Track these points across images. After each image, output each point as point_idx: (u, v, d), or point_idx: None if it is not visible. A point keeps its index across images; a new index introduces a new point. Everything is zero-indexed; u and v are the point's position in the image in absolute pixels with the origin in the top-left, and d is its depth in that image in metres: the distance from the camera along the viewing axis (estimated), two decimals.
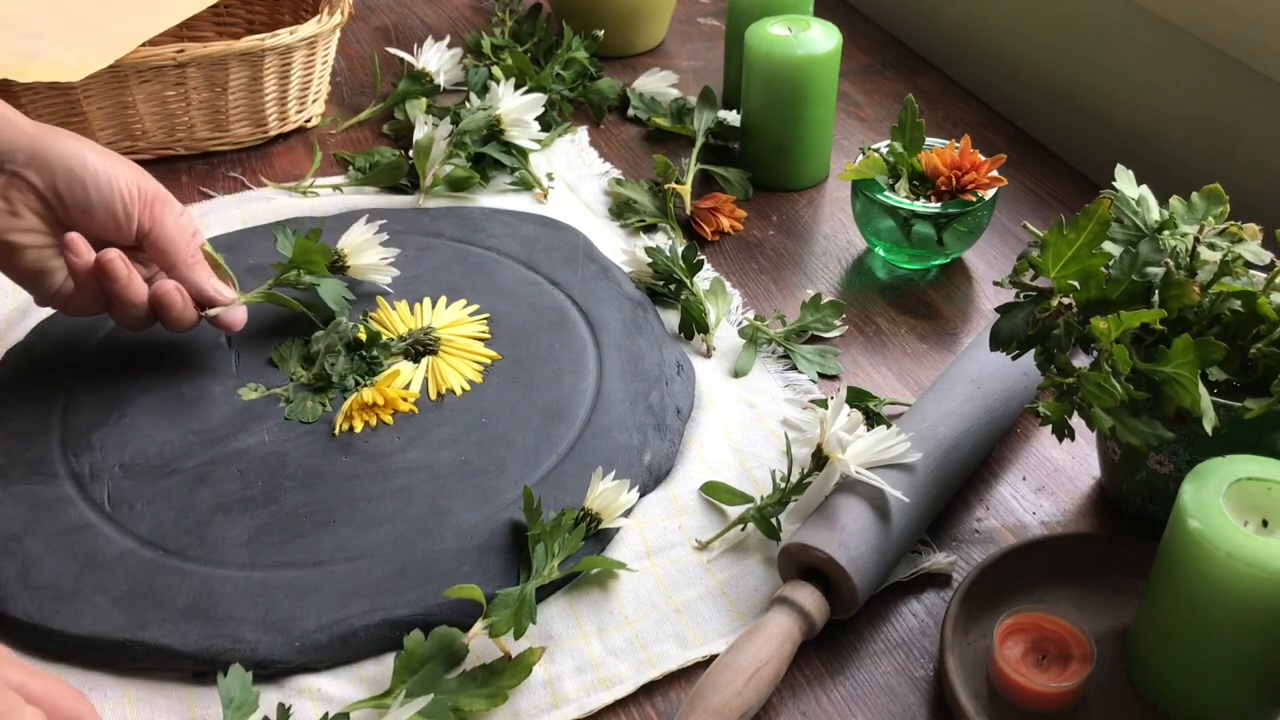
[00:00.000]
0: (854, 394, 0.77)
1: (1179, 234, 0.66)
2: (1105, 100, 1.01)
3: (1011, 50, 1.10)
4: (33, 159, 0.71)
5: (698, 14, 1.28)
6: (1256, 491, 0.56)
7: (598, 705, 0.61)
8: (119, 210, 0.72)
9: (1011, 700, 0.60)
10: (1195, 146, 0.94)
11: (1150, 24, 0.95)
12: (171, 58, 0.95)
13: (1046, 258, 0.63)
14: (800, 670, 0.63)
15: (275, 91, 1.01)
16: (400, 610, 0.63)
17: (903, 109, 0.88)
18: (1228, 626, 0.55)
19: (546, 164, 1.02)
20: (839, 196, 1.00)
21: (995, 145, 1.04)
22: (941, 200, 0.86)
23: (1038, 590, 0.66)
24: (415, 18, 1.26)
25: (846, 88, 1.13)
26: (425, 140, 0.96)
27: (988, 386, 0.72)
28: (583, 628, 0.65)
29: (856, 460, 0.65)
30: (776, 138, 0.97)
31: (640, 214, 0.95)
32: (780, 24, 0.95)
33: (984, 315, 0.87)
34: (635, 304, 0.84)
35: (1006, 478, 0.74)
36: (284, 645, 0.62)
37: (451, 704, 0.59)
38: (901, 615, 0.66)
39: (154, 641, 0.62)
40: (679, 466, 0.74)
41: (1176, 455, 0.65)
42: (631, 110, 1.09)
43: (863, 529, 0.63)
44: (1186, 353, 0.58)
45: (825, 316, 0.84)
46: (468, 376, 0.77)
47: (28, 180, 0.70)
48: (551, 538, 0.65)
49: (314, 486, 0.70)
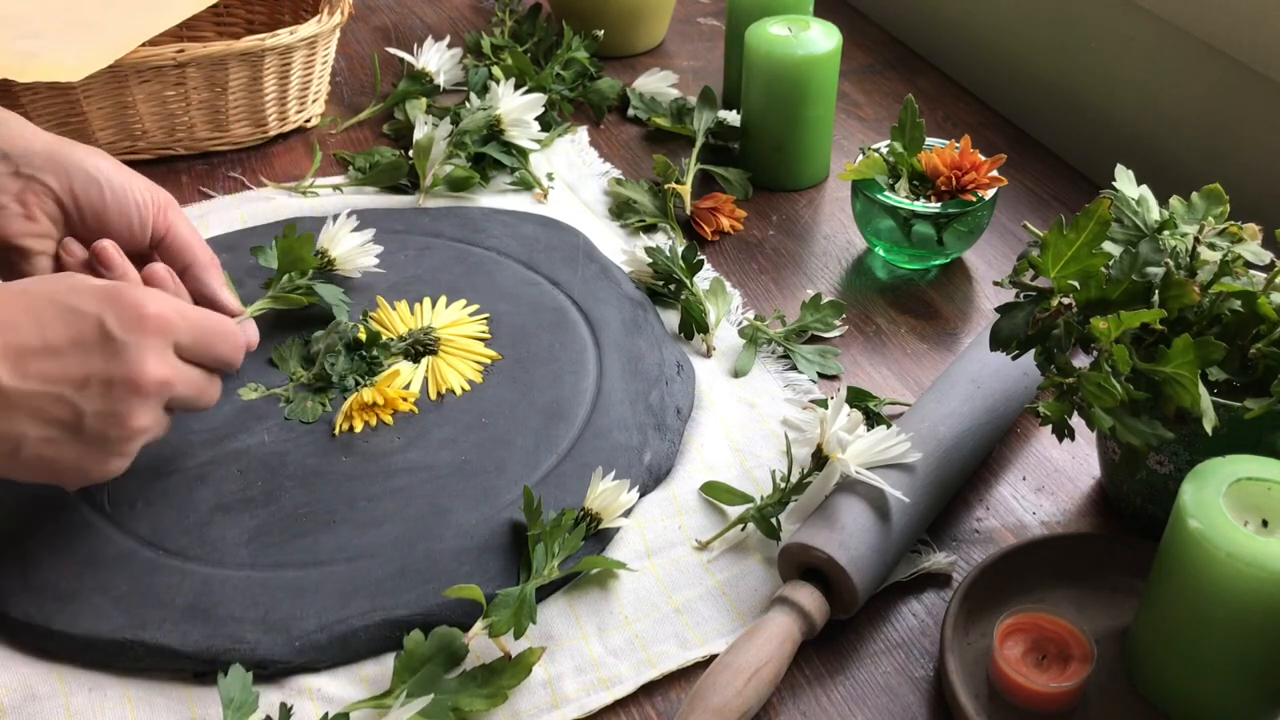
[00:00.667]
0: (854, 394, 0.77)
1: (1179, 234, 0.66)
2: (1105, 100, 1.01)
3: (1011, 50, 1.10)
4: (49, 163, 0.70)
5: (698, 14, 1.28)
6: (1256, 491, 0.56)
7: (598, 705, 0.61)
8: (134, 215, 0.72)
9: (1011, 700, 0.60)
10: (1195, 146, 0.94)
11: (1150, 24, 0.95)
12: (171, 58, 0.95)
13: (1046, 258, 0.63)
14: (800, 670, 0.63)
15: (275, 91, 1.01)
16: (400, 610, 0.63)
17: (903, 109, 0.88)
18: (1228, 626, 0.55)
19: (546, 164, 1.02)
20: (839, 196, 1.00)
21: (995, 145, 1.04)
22: (941, 200, 0.86)
23: (1038, 590, 0.66)
24: (415, 18, 1.26)
25: (846, 88, 1.13)
26: (425, 140, 0.96)
27: (988, 386, 0.72)
28: (583, 628, 0.65)
29: (856, 460, 0.65)
30: (776, 138, 0.97)
31: (640, 214, 0.95)
32: (780, 24, 0.95)
33: (984, 315, 0.87)
34: (635, 304, 0.84)
35: (1006, 478, 0.74)
36: (284, 645, 0.62)
37: (451, 704, 0.59)
38: (901, 615, 0.66)
39: (154, 641, 0.62)
40: (679, 466, 0.74)
41: (1176, 455, 0.65)
42: (631, 110, 1.09)
43: (863, 529, 0.63)
44: (1186, 353, 0.58)
45: (825, 316, 0.84)
46: (468, 376, 0.77)
47: (45, 184, 0.70)
48: (551, 538, 0.65)
49: (314, 486, 0.70)
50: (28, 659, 0.63)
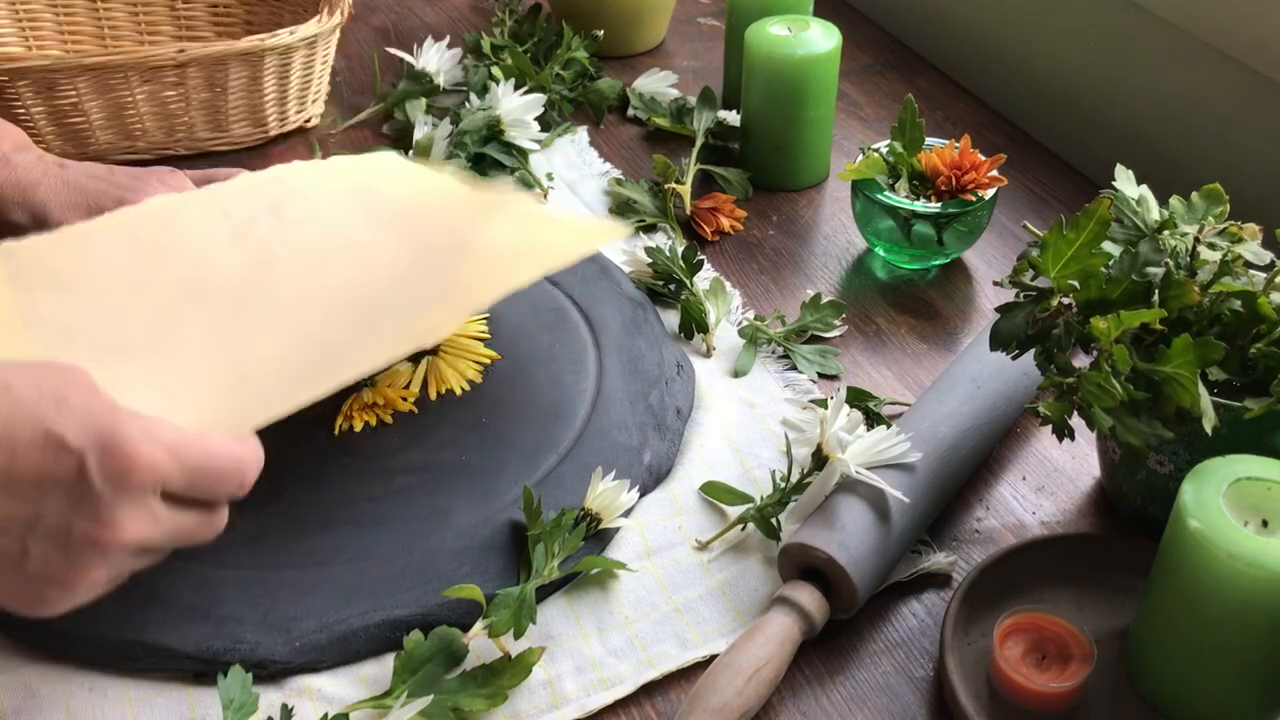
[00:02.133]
0: (854, 394, 0.77)
1: (1179, 234, 0.66)
2: (1105, 100, 1.01)
3: (1011, 50, 1.10)
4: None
5: (698, 14, 1.28)
6: (1256, 491, 0.56)
7: (598, 705, 0.61)
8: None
9: (1011, 700, 0.60)
10: (1195, 146, 0.94)
11: (1150, 24, 0.95)
12: (171, 58, 0.95)
13: (1046, 258, 0.63)
14: (800, 670, 0.63)
15: (275, 91, 1.01)
16: (400, 610, 0.63)
17: (903, 109, 0.88)
18: (1228, 626, 0.55)
19: (546, 164, 1.02)
20: (839, 196, 1.00)
21: (995, 145, 1.04)
22: (941, 200, 0.86)
23: (1038, 590, 0.65)
24: (415, 18, 1.26)
25: (846, 88, 1.13)
26: (425, 140, 0.96)
27: (988, 386, 0.72)
28: (583, 628, 0.65)
29: (856, 460, 0.65)
30: (776, 138, 0.97)
31: (640, 214, 0.95)
32: (780, 24, 0.95)
33: (984, 315, 0.87)
34: (635, 304, 0.84)
35: (1006, 478, 0.74)
36: (284, 645, 0.62)
37: (451, 704, 0.59)
38: (901, 615, 0.66)
39: (154, 641, 0.62)
40: (679, 466, 0.74)
41: (1176, 455, 0.65)
42: (631, 110, 1.09)
43: (863, 529, 0.63)
44: (1186, 353, 0.58)
45: (825, 316, 0.84)
46: (468, 376, 0.77)
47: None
48: (551, 538, 0.65)
49: (314, 486, 0.70)
50: (28, 659, 0.63)
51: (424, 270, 0.67)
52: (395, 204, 0.74)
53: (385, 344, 0.62)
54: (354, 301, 0.65)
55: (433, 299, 0.65)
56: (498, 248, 0.69)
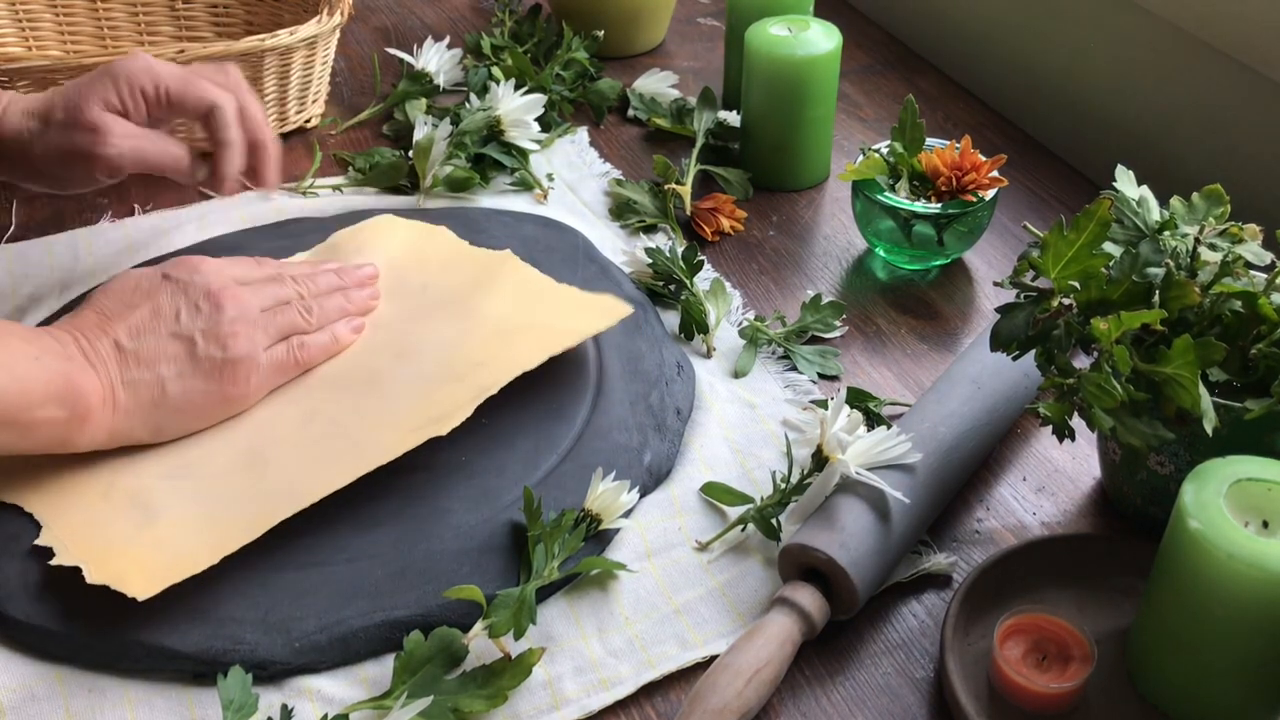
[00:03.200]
0: (854, 394, 0.77)
1: (1179, 234, 0.66)
2: (1105, 100, 1.01)
3: (1012, 51, 1.10)
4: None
5: (698, 14, 1.28)
6: (1257, 492, 0.56)
7: (598, 706, 0.61)
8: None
9: (1012, 701, 0.60)
10: (1195, 146, 0.94)
11: (1150, 24, 0.95)
12: (171, 58, 0.95)
13: (1047, 258, 0.63)
14: (800, 671, 0.63)
15: (275, 92, 1.01)
16: (400, 611, 0.63)
17: (903, 109, 0.88)
18: (1228, 627, 0.55)
19: (546, 164, 1.02)
20: (839, 197, 1.00)
21: (995, 145, 1.04)
22: (941, 201, 0.86)
23: (1038, 591, 0.65)
24: (415, 18, 1.26)
25: (846, 88, 1.13)
26: (425, 141, 0.96)
27: (988, 387, 0.72)
28: (583, 628, 0.65)
29: (856, 461, 0.65)
30: (776, 138, 0.97)
31: (640, 214, 0.95)
32: (780, 24, 0.95)
33: (984, 316, 0.87)
34: (635, 304, 0.84)
35: (1007, 478, 0.74)
36: (284, 646, 0.62)
37: (451, 705, 0.59)
38: (901, 616, 0.66)
39: (154, 642, 0.62)
40: (679, 467, 0.74)
41: (1177, 456, 0.65)
42: (631, 111, 1.09)
43: (863, 530, 0.63)
44: (1187, 353, 0.58)
45: (825, 317, 0.84)
46: None
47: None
48: (551, 538, 0.65)
49: None
50: (28, 659, 0.63)
51: (432, 349, 0.75)
52: (399, 273, 0.82)
53: (403, 436, 0.68)
54: (369, 381, 0.74)
55: (444, 379, 0.72)
56: (501, 323, 0.76)
